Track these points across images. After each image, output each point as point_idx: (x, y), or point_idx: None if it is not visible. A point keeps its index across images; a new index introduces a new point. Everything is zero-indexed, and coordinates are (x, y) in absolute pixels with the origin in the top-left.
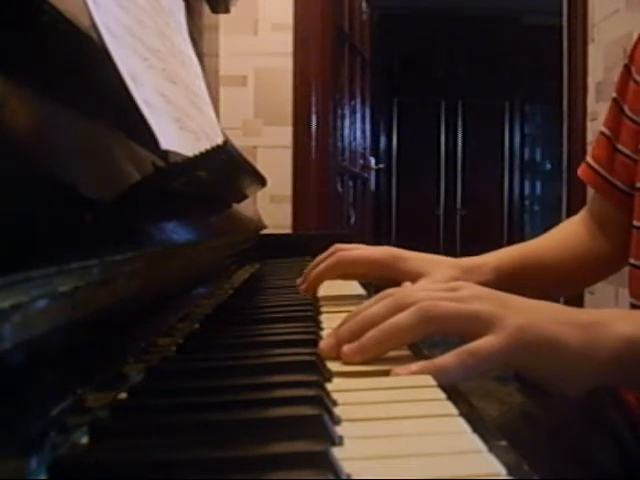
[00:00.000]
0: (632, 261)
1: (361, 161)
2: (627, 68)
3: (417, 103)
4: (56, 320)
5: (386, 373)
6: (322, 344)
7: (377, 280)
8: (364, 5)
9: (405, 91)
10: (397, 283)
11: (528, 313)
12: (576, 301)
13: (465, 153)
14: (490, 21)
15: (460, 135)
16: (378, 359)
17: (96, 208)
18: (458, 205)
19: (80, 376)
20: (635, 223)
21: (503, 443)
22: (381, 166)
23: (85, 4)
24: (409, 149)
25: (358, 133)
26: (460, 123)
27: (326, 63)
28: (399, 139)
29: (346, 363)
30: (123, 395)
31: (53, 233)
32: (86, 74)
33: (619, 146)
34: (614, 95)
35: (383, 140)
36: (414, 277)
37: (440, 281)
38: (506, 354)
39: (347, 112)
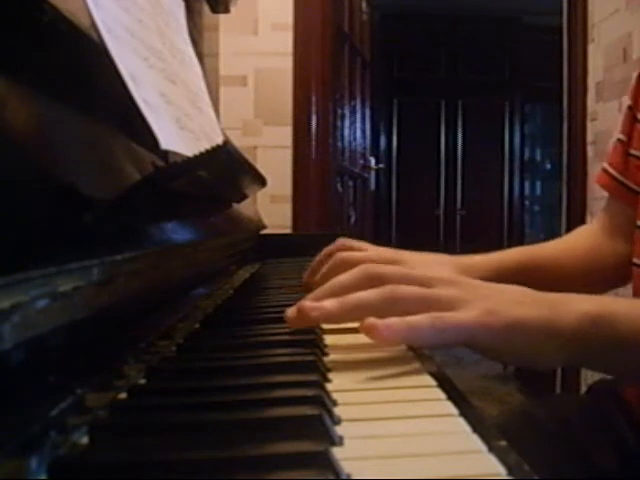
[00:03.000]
0: (635, 261)
1: (361, 161)
2: (639, 77)
3: (417, 103)
4: (56, 320)
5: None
6: (288, 311)
7: None
8: (364, 5)
9: (405, 91)
10: None
11: (493, 297)
12: None
13: (465, 153)
14: (490, 21)
15: (460, 135)
16: (374, 350)
17: (96, 208)
18: (458, 205)
19: (80, 376)
20: (637, 223)
21: (503, 443)
22: (381, 166)
23: (85, 4)
24: (409, 149)
25: (358, 133)
26: (460, 123)
27: (326, 63)
28: (399, 139)
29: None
30: (123, 395)
31: (53, 233)
32: (86, 74)
33: (632, 151)
34: (629, 102)
35: (383, 140)
36: None
37: None
38: (472, 331)
39: (347, 112)
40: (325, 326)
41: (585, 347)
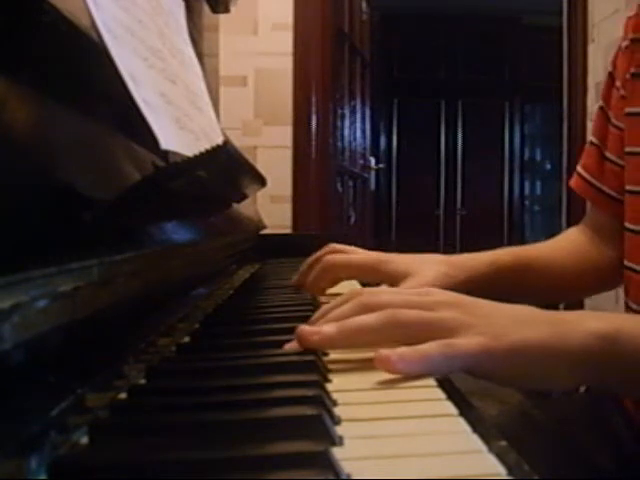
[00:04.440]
0: (626, 263)
1: (361, 161)
2: (611, 76)
3: (417, 103)
4: (56, 320)
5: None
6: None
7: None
8: (364, 5)
9: (405, 91)
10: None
11: (496, 318)
12: (576, 306)
13: (465, 153)
14: (490, 21)
15: (460, 135)
16: (374, 350)
17: (96, 208)
18: (458, 205)
19: (80, 376)
20: (627, 225)
21: (503, 443)
22: (381, 166)
23: (85, 4)
24: (409, 149)
25: (358, 133)
26: (460, 123)
27: (326, 63)
28: (399, 139)
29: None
30: (123, 395)
31: (53, 233)
32: (86, 74)
33: (607, 154)
34: (600, 103)
35: (383, 140)
36: (401, 277)
37: (429, 279)
38: (476, 358)
39: (347, 112)
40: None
41: (596, 367)
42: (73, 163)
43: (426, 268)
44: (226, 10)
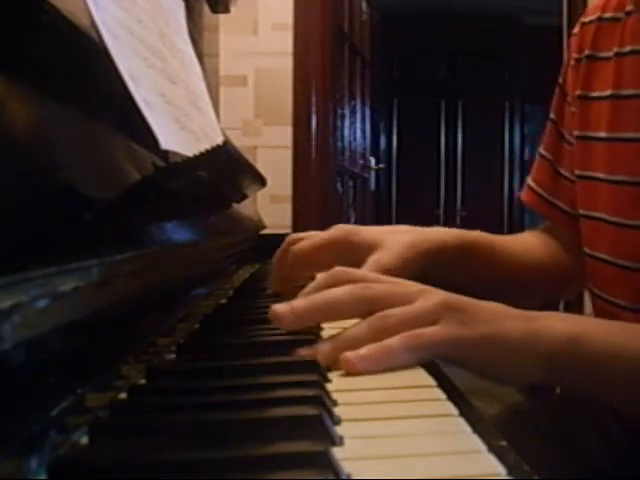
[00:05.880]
0: (585, 249)
1: (361, 161)
2: (561, 89)
3: (417, 103)
4: (56, 320)
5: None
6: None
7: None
8: (364, 5)
9: (405, 91)
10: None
11: (472, 310)
12: (575, 307)
13: (465, 153)
14: (490, 21)
15: (460, 135)
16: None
17: (96, 208)
18: (458, 205)
19: (80, 376)
20: (580, 211)
21: (503, 443)
22: (381, 166)
23: (85, 4)
24: (409, 149)
25: (358, 133)
26: (460, 123)
27: (326, 63)
28: (399, 139)
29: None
30: (123, 395)
31: (53, 233)
32: (86, 74)
33: (561, 170)
34: (552, 116)
35: (383, 140)
36: (369, 248)
37: (395, 249)
38: (447, 344)
39: (347, 112)
40: (324, 325)
41: (560, 367)
42: (73, 163)
43: (391, 238)
44: (226, 10)
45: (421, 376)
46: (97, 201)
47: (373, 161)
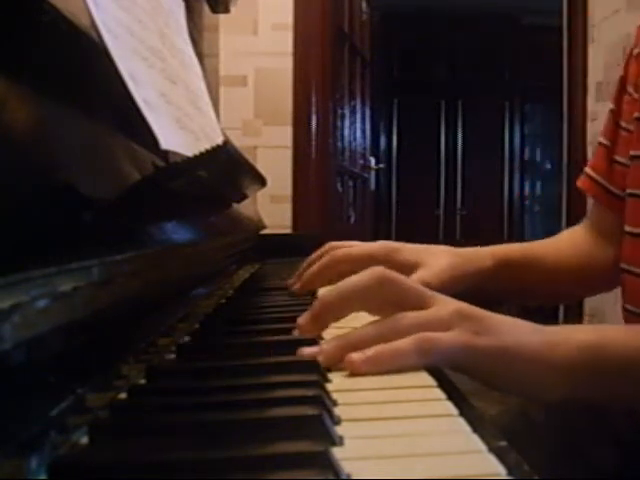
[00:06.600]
0: (624, 266)
1: (361, 161)
2: (622, 80)
3: (417, 103)
4: (56, 320)
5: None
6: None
7: None
8: (364, 5)
9: (405, 91)
10: None
11: (490, 321)
12: (575, 308)
13: (465, 153)
14: (490, 21)
15: (460, 135)
16: None
17: (96, 208)
18: (458, 205)
19: (80, 376)
20: (626, 228)
21: (503, 443)
22: (381, 166)
23: (85, 4)
24: (409, 149)
25: (358, 133)
26: (460, 123)
27: (326, 63)
28: (399, 139)
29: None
30: (123, 395)
31: (53, 233)
32: (86, 74)
33: (616, 157)
34: (611, 106)
35: (383, 140)
36: (410, 268)
37: (437, 270)
38: (462, 351)
39: (347, 112)
40: None
41: (582, 379)
42: (73, 163)
43: (433, 259)
44: (226, 10)
45: (421, 376)
46: (97, 201)
47: (373, 161)
